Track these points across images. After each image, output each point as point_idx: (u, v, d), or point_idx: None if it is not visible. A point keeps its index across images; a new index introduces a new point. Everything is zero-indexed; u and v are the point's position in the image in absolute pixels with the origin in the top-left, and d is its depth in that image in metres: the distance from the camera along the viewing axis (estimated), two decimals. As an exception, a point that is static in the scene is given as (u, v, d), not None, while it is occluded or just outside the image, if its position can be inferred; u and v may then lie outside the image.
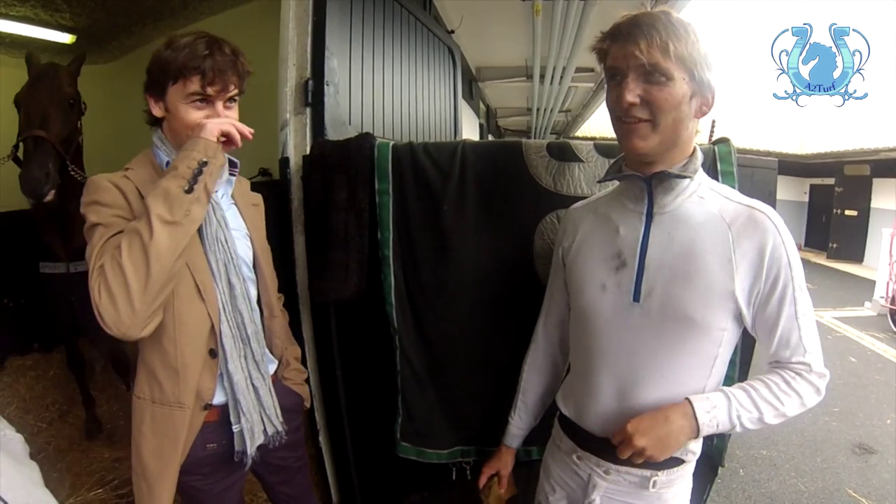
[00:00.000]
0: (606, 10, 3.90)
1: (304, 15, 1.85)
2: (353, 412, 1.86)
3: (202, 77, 1.12)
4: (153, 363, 1.17)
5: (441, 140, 3.22)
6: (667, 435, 0.98)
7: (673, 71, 0.93)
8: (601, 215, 1.14)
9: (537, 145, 1.54)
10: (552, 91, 6.93)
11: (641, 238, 1.05)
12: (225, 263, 1.21)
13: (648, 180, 1.04)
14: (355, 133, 1.69)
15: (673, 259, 1.01)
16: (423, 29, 2.86)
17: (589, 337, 1.12)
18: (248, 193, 1.40)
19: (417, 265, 1.58)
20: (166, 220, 1.03)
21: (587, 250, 1.14)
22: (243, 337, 1.25)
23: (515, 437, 1.39)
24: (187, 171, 1.07)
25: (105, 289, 1.00)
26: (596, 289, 1.09)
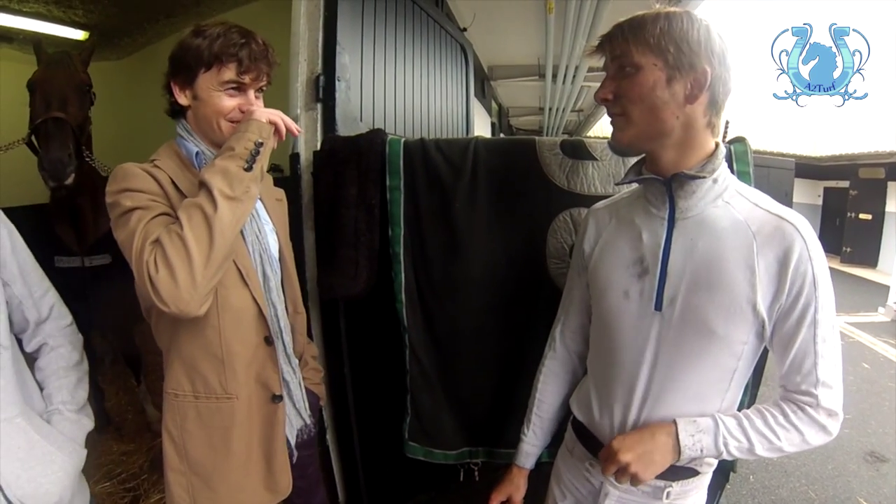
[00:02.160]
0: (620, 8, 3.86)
1: (316, 10, 1.84)
2: (361, 411, 1.84)
3: (238, 65, 1.11)
4: (193, 356, 1.14)
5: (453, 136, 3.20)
6: (651, 452, 0.96)
7: (639, 59, 0.93)
8: (624, 218, 1.10)
9: (551, 143, 1.52)
10: (564, 90, 6.90)
11: (663, 244, 1.01)
12: (260, 254, 1.21)
13: (668, 183, 1.00)
14: (367, 129, 1.68)
15: (695, 267, 0.98)
16: (435, 26, 2.84)
17: (608, 344, 1.08)
18: (271, 189, 1.39)
19: (428, 263, 1.56)
20: (228, 195, 1.02)
21: (610, 255, 1.10)
22: (275, 330, 1.23)
23: (529, 455, 1.29)
24: (245, 152, 1.06)
25: (163, 262, 0.97)
26: (618, 295, 1.06)
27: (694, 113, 0.94)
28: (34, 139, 2.16)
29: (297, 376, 1.30)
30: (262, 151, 1.09)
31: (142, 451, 2.70)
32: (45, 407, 1.17)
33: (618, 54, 0.95)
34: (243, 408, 1.17)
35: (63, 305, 1.26)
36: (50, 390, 1.19)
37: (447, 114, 3.11)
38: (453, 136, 3.21)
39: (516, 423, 1.59)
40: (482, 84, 6.47)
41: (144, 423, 2.88)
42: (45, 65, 2.26)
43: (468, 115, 3.46)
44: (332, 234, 1.59)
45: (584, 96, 8.36)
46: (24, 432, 1.06)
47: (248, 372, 1.18)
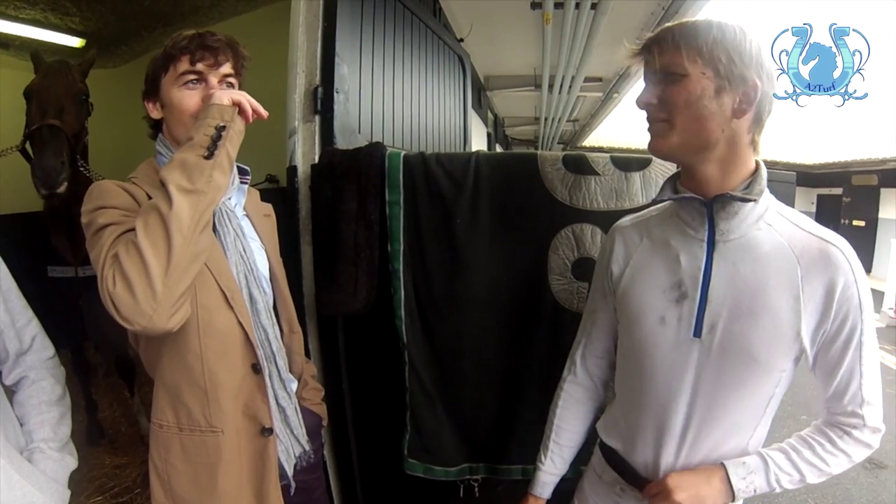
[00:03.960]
0: (617, 19, 3.89)
1: (315, 20, 1.82)
2: (360, 427, 1.82)
3: (190, 56, 1.07)
4: (177, 384, 1.06)
5: (451, 149, 3.20)
6: (706, 496, 0.95)
7: (687, 66, 0.89)
8: (657, 239, 1.04)
9: (553, 157, 1.51)
10: (560, 100, 6.94)
11: (704, 268, 0.96)
12: (245, 275, 1.13)
13: (709, 204, 0.95)
14: (365, 142, 1.67)
15: (737, 294, 0.93)
16: (433, 37, 2.84)
17: (641, 371, 1.03)
18: (259, 204, 1.34)
19: (428, 278, 1.54)
20: (186, 188, 0.92)
21: (644, 278, 1.04)
22: (268, 354, 1.15)
23: (546, 485, 1.23)
24: (204, 138, 0.97)
25: (120, 275, 0.87)
26: (654, 321, 1.00)
27: (739, 128, 0.90)
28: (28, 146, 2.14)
29: (293, 401, 1.22)
30: (225, 135, 0.99)
31: (135, 465, 2.66)
32: (26, 444, 1.09)
33: (666, 59, 0.91)
34: (230, 442, 1.08)
35: (46, 337, 1.19)
36: (31, 426, 1.10)
37: (445, 125, 3.11)
38: (451, 147, 3.21)
39: (517, 439, 1.59)
40: (478, 94, 6.48)
41: (138, 435, 2.84)
42: (42, 73, 2.25)
43: (466, 125, 3.46)
44: (330, 250, 1.57)
45: (579, 106, 8.39)
46: (2, 471, 0.97)
47: (234, 404, 1.09)
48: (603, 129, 11.67)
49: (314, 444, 1.34)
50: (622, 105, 8.07)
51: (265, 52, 1.83)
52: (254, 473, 1.11)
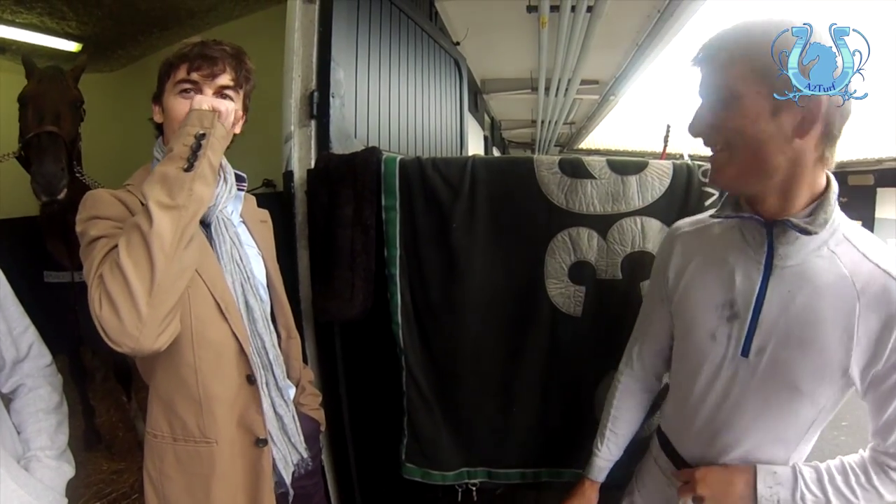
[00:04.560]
0: (613, 21, 3.90)
1: (310, 25, 1.81)
2: (358, 432, 1.81)
3: (188, 64, 1.06)
4: (171, 396, 1.05)
5: (447, 153, 3.19)
6: (727, 495, 0.98)
7: (740, 87, 0.82)
8: (715, 252, 1.02)
9: (549, 161, 1.51)
10: (557, 103, 6.94)
11: (758, 291, 0.93)
12: (241, 284, 1.12)
13: (770, 226, 0.91)
14: (361, 146, 1.66)
15: (789, 322, 0.90)
16: (429, 40, 2.83)
17: (690, 380, 1.05)
18: (255, 210, 1.33)
19: (425, 284, 1.54)
20: (166, 204, 0.90)
21: (698, 292, 1.03)
22: (265, 363, 1.14)
23: (602, 469, 1.27)
24: (184, 149, 0.94)
25: (105, 297, 0.86)
26: (705, 336, 1.01)
27: (803, 148, 0.83)
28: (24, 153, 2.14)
29: (290, 409, 1.21)
30: (206, 144, 0.96)
31: (133, 470, 2.65)
32: (23, 452, 1.08)
33: (715, 80, 0.85)
34: (224, 453, 1.07)
35: (43, 344, 1.18)
36: (28, 434, 1.10)
37: (442, 128, 3.11)
38: (448, 151, 3.21)
39: (515, 443, 1.60)
40: (475, 97, 6.48)
41: (135, 440, 2.83)
42: (37, 79, 2.25)
43: (462, 129, 3.45)
44: (327, 255, 1.56)
45: (576, 109, 8.40)
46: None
47: (229, 415, 1.08)
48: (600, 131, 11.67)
49: (312, 449, 1.33)
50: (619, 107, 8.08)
51: (262, 57, 1.81)
52: (248, 484, 1.11)
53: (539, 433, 1.59)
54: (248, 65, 1.15)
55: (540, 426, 1.58)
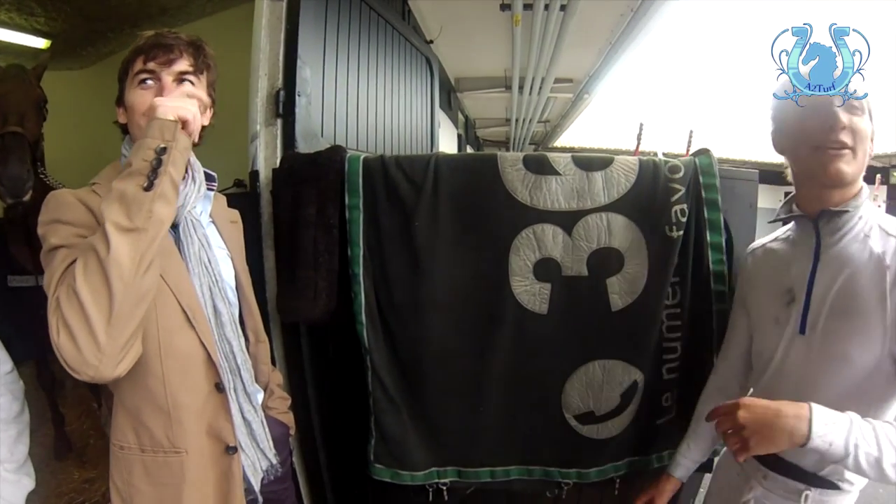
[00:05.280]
0: (586, 20, 3.92)
1: (277, 23, 1.79)
2: (327, 434, 1.80)
3: (144, 55, 1.04)
4: (137, 407, 1.01)
5: (418, 152, 3.18)
6: (771, 427, 0.95)
7: (866, 108, 1.04)
8: (777, 256, 1.24)
9: (513, 158, 1.50)
10: (531, 101, 6.97)
11: (809, 275, 1.11)
12: (210, 287, 1.09)
13: (815, 220, 1.11)
14: (328, 145, 1.64)
15: (834, 297, 1.06)
16: (400, 39, 2.82)
17: (764, 365, 1.20)
18: (225, 210, 1.31)
19: (389, 283, 1.52)
20: (124, 227, 0.85)
21: (764, 288, 1.23)
22: (232, 368, 1.12)
23: (681, 466, 1.38)
24: (144, 165, 0.89)
25: (62, 324, 0.83)
26: (770, 321, 1.19)
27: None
28: None
29: (259, 414, 1.19)
30: (167, 159, 0.91)
31: (105, 478, 2.53)
32: None
33: None
34: (194, 463, 1.05)
35: (3, 350, 1.15)
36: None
37: (411, 127, 3.09)
38: (418, 150, 3.19)
39: (484, 441, 1.59)
40: (448, 96, 6.47)
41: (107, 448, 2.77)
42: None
43: (433, 127, 3.44)
44: (291, 256, 1.54)
45: (550, 107, 8.43)
46: None
47: (198, 424, 1.06)
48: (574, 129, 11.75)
49: (282, 453, 1.31)
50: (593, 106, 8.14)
51: (233, 55, 1.80)
52: (219, 492, 1.09)
53: (507, 431, 1.59)
54: (207, 52, 1.12)
55: (508, 424, 1.58)
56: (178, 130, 0.95)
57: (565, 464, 1.61)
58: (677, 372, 1.57)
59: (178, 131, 0.95)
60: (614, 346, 1.53)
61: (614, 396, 1.55)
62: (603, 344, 1.53)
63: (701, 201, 1.52)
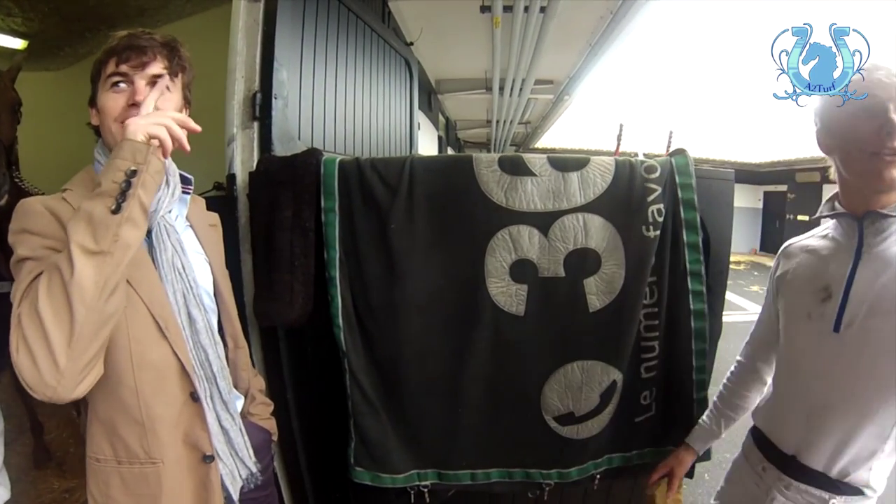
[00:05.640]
0: (566, 22, 3.94)
1: (254, 24, 1.77)
2: (308, 438, 1.78)
3: (117, 57, 1.02)
4: (112, 419, 1.00)
5: (397, 154, 3.17)
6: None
7: None
8: (814, 253, 1.21)
9: (488, 159, 1.50)
10: (512, 103, 7.01)
11: (848, 273, 1.09)
12: (184, 294, 1.07)
13: (860, 219, 1.09)
14: (305, 148, 1.63)
15: (875, 296, 1.04)
16: (379, 41, 2.81)
17: (791, 360, 1.23)
18: (204, 213, 1.29)
19: (365, 285, 1.51)
20: (90, 249, 0.84)
21: (798, 283, 1.21)
22: (208, 375, 1.10)
23: (700, 440, 1.46)
24: (113, 187, 0.87)
25: (23, 343, 0.81)
26: (802, 317, 1.18)
27: None
28: None
29: (237, 422, 1.17)
30: (137, 182, 0.89)
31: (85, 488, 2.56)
32: None
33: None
34: (171, 473, 1.03)
35: None
36: None
37: (391, 129, 3.08)
38: (396, 152, 3.19)
39: (463, 443, 1.59)
40: (429, 98, 6.47)
41: (87, 456, 2.73)
42: None
43: (412, 129, 3.43)
44: (267, 259, 1.53)
45: (531, 108, 8.47)
46: None
47: (174, 434, 1.04)
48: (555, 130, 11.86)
49: (263, 460, 1.30)
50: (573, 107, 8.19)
51: (211, 57, 1.78)
52: (197, 502, 1.08)
53: (487, 433, 1.58)
54: (182, 53, 1.10)
55: (488, 426, 1.58)
56: (150, 153, 0.92)
57: (546, 465, 1.61)
58: (655, 371, 1.58)
59: (150, 154, 0.92)
60: (593, 347, 1.53)
61: (594, 397, 1.55)
62: (581, 345, 1.53)
63: (677, 201, 1.53)
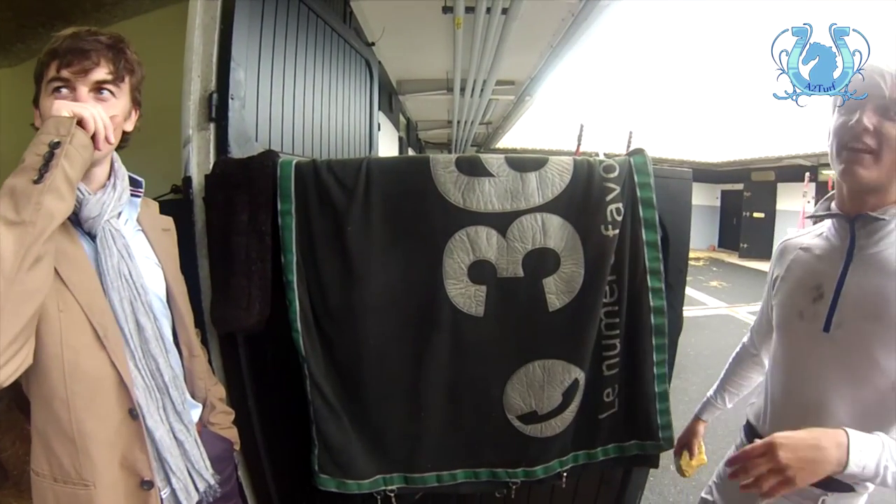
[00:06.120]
0: (528, 23, 3.97)
1: (211, 22, 1.72)
2: (271, 445, 1.75)
3: (59, 60, 0.98)
4: (46, 432, 0.95)
5: (356, 155, 3.15)
6: (814, 461, 0.93)
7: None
8: (809, 251, 1.24)
9: (445, 160, 1.49)
10: (473, 104, 7.04)
11: (840, 274, 1.11)
12: (131, 301, 1.03)
13: (852, 221, 1.11)
14: (262, 150, 1.60)
15: (865, 299, 1.06)
16: (339, 41, 2.78)
17: (783, 357, 1.25)
18: (157, 217, 1.25)
19: (323, 289, 1.49)
20: (10, 220, 0.82)
21: (792, 280, 1.24)
22: (159, 386, 1.06)
23: (707, 411, 1.61)
24: (36, 160, 0.86)
25: None
26: (794, 315, 1.21)
27: None
28: None
29: (192, 434, 1.13)
30: (59, 153, 0.87)
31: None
32: None
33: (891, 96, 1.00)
34: (105, 498, 0.97)
35: None
36: None
37: (350, 130, 3.06)
38: (356, 153, 3.16)
39: (428, 446, 1.58)
40: (390, 98, 6.45)
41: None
42: None
43: (371, 131, 3.41)
44: (223, 264, 1.50)
45: (492, 109, 8.52)
46: None
47: (109, 455, 0.99)
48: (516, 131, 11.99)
49: (225, 471, 1.27)
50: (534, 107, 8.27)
51: (169, 55, 1.73)
52: None
53: (451, 435, 1.58)
54: (129, 55, 1.06)
55: (451, 428, 1.57)
56: (74, 125, 0.91)
57: (511, 464, 1.61)
58: (618, 368, 1.60)
59: (73, 126, 0.91)
60: (553, 346, 1.54)
61: (556, 395, 1.56)
62: (542, 344, 1.54)
63: (636, 200, 1.54)
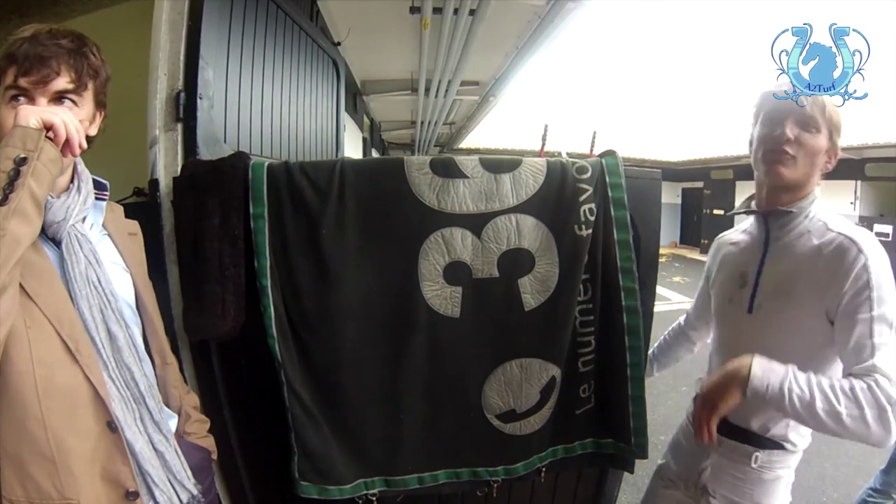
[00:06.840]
0: (494, 25, 4.00)
1: (179, 18, 1.67)
2: (249, 454, 1.71)
3: (17, 66, 0.92)
4: (19, 455, 0.91)
5: (323, 157, 3.12)
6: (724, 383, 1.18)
7: (822, 126, 1.22)
8: (736, 243, 1.49)
9: (420, 162, 1.49)
10: (437, 104, 7.04)
11: (759, 263, 1.34)
12: (101, 309, 1.00)
13: (767, 216, 1.33)
14: (231, 151, 1.56)
15: (777, 282, 1.29)
16: (307, 40, 2.74)
17: (719, 337, 1.50)
18: (122, 221, 1.21)
19: (298, 294, 1.47)
20: None
21: (723, 272, 1.49)
22: (135, 396, 1.03)
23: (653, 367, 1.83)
24: (0, 177, 0.82)
25: None
26: (725, 301, 1.45)
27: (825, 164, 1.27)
28: None
29: (171, 443, 1.10)
30: (27, 170, 0.83)
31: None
32: None
33: (815, 112, 1.21)
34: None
35: None
36: None
37: (317, 131, 3.02)
38: (323, 154, 3.13)
39: (408, 448, 1.57)
40: (354, 99, 6.40)
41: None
42: None
43: (338, 131, 3.39)
44: (195, 270, 1.45)
45: (456, 109, 8.53)
46: None
47: (90, 469, 0.96)
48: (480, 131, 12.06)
49: (205, 481, 1.24)
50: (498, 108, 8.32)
51: (132, 52, 1.67)
52: None
53: (431, 436, 1.58)
54: (92, 59, 1.01)
55: (430, 429, 1.57)
56: (43, 139, 0.86)
57: (492, 462, 1.62)
58: (593, 364, 1.62)
59: (42, 140, 0.86)
60: (530, 345, 1.55)
61: (534, 393, 1.58)
62: (518, 343, 1.55)
63: (608, 200, 1.56)
